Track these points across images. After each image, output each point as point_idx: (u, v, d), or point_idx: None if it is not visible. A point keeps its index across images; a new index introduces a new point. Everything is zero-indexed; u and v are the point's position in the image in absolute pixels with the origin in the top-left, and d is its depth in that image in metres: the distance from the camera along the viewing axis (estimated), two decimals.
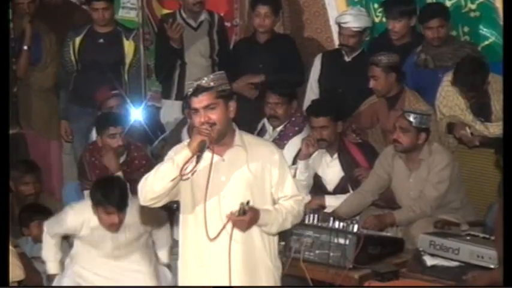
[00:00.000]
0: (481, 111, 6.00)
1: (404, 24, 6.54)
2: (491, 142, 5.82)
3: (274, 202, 4.28)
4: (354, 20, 6.56)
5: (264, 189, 4.25)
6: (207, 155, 4.09)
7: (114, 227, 5.39)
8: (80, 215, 5.46)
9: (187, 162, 4.05)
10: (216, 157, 4.13)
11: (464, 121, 5.98)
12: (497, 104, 5.89)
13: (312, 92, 6.86)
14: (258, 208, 4.16)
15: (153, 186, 4.07)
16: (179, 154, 4.07)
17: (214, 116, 4.11)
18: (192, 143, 4.06)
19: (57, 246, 5.64)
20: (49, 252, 5.65)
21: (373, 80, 6.18)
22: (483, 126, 5.93)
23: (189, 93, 4.14)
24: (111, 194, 5.33)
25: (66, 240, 5.76)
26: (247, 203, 4.11)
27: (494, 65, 5.97)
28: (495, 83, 5.88)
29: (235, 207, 4.11)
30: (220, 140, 4.15)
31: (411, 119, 5.60)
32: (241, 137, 4.25)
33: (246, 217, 4.10)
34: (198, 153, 4.06)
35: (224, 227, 4.15)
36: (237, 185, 4.19)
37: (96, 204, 5.37)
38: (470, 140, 5.96)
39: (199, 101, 4.11)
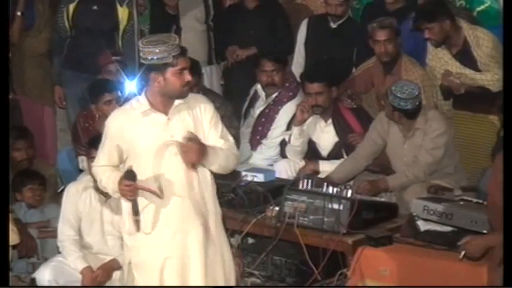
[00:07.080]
0: (466, 60, 5.98)
1: None
2: (477, 91, 5.91)
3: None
4: None
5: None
6: (157, 115, 4.35)
7: None
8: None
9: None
10: (163, 117, 4.36)
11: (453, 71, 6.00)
12: (478, 51, 5.89)
13: (300, 55, 6.84)
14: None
15: None
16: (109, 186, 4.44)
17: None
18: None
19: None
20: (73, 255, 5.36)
21: (388, 43, 6.12)
22: (473, 73, 5.93)
23: None
24: None
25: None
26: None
27: (491, 30, 5.96)
28: (481, 34, 5.90)
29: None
30: None
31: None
32: None
33: (194, 144, 4.26)
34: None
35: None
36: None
37: None
38: (457, 86, 5.97)
39: None
